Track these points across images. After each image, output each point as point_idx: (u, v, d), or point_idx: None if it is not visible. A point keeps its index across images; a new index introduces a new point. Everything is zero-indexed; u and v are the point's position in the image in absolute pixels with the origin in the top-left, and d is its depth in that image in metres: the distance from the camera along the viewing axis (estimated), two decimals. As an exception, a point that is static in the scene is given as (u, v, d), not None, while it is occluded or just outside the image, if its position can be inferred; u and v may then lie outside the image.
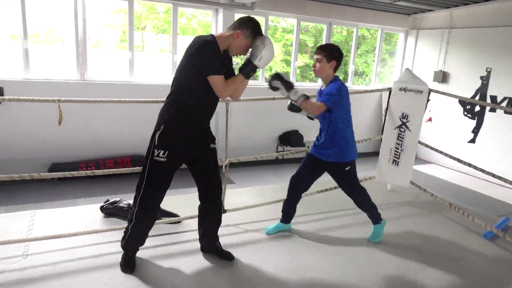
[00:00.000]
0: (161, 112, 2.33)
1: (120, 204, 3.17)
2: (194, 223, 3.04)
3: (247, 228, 3.17)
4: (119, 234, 2.81)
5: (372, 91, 4.96)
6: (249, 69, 2.28)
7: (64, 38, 6.42)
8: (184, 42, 7.26)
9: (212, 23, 6.58)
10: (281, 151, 7.17)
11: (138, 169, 2.99)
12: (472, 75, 6.94)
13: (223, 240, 2.78)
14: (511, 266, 2.89)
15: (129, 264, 2.45)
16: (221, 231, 2.74)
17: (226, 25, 6.31)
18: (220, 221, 2.64)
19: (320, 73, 2.72)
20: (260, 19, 7.08)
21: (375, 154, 8.33)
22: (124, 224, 3.03)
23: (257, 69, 2.32)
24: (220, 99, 2.38)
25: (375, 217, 3.00)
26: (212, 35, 2.28)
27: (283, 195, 3.24)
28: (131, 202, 3.26)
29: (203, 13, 6.91)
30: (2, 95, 5.11)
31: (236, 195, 3.92)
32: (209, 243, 2.66)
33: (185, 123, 2.28)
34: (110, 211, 3.15)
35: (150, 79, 6.28)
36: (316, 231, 3.19)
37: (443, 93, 3.83)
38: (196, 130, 2.34)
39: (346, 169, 2.84)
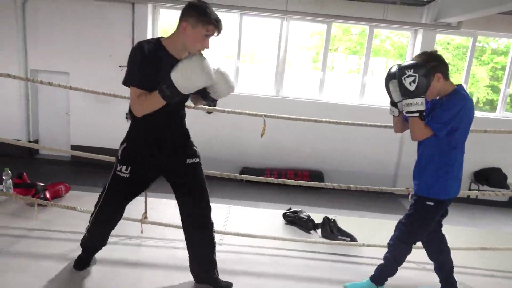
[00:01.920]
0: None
1: (301, 215, 3.32)
2: (369, 251, 2.93)
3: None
4: (297, 245, 2.96)
5: None
6: (165, 87, 1.76)
7: (266, 58, 7.25)
8: (374, 64, 7.17)
9: (409, 44, 6.29)
10: (475, 190, 6.21)
11: (318, 184, 3.10)
12: None
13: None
14: None
15: (81, 263, 2.34)
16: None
17: (425, 46, 5.94)
18: (213, 244, 2.24)
19: (432, 95, 2.09)
20: (464, 40, 6.36)
21: None
22: (302, 234, 3.20)
23: (175, 87, 1.74)
24: (193, 106, 2.11)
25: (379, 276, 2.35)
26: (155, 39, 1.93)
27: (476, 241, 2.77)
28: (310, 214, 3.41)
29: (399, 34, 6.68)
30: (215, 106, 6.13)
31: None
32: (201, 272, 2.27)
33: (142, 138, 2.03)
34: (291, 219, 3.34)
35: (337, 99, 6.44)
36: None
37: None
38: (156, 143, 2.03)
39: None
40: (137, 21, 5.90)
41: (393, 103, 2.18)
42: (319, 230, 3.24)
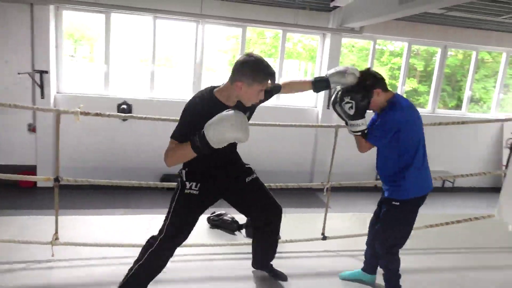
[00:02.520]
0: None
1: (225, 217, 3.35)
2: (292, 246, 3.06)
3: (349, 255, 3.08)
4: (223, 248, 2.97)
5: (497, 120, 4.48)
6: (196, 139, 1.78)
7: (182, 62, 7.15)
8: (288, 66, 7.49)
9: (318, 47, 6.68)
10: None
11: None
12: None
13: (323, 266, 2.74)
14: None
15: None
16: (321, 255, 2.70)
17: (333, 49, 6.36)
18: (277, 243, 2.54)
19: (374, 108, 2.32)
20: (366, 43, 6.97)
21: (490, 190, 7.46)
22: (227, 236, 3.22)
23: (207, 142, 1.76)
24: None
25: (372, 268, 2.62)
26: (210, 90, 1.96)
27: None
28: (234, 216, 3.44)
29: (309, 37, 7.07)
30: (131, 111, 5.87)
31: (334, 219, 3.84)
32: (266, 264, 2.61)
33: (203, 163, 2.05)
34: (215, 222, 3.35)
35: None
36: (424, 268, 2.94)
37: None
38: (222, 169, 2.15)
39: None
40: (37, 23, 5.39)
41: (346, 123, 2.39)
42: (243, 231, 3.29)
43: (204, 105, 1.88)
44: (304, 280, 2.68)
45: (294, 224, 3.61)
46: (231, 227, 3.29)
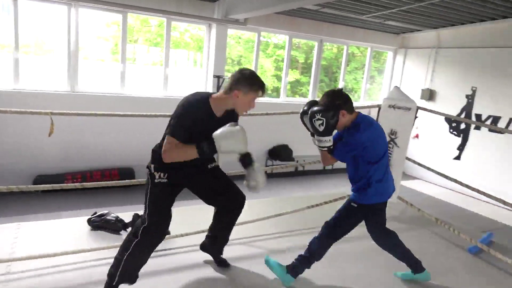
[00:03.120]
0: (156, 147, 2.28)
1: (108, 217, 3.13)
2: (182, 241, 3.02)
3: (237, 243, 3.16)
4: (108, 252, 2.78)
5: (362, 107, 5.03)
6: (206, 147, 2.06)
7: (55, 49, 6.41)
8: (175, 55, 7.31)
9: (205, 37, 6.66)
10: (270, 166, 7.19)
11: (125, 182, 2.99)
12: (458, 93, 7.11)
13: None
14: (495, 279, 2.93)
15: None
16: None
17: (219, 39, 6.40)
18: (233, 225, 2.64)
19: (340, 128, 2.46)
20: (252, 35, 7.19)
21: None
22: (112, 237, 3.02)
23: (214, 147, 2.05)
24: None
25: (414, 266, 2.74)
26: (207, 97, 2.18)
27: (272, 209, 3.23)
28: (118, 214, 3.25)
29: (196, 27, 6.99)
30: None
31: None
32: (216, 246, 2.70)
33: (174, 165, 2.20)
34: (97, 224, 3.11)
35: (141, 92, 6.29)
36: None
37: (430, 111, 3.91)
38: (188, 166, 2.25)
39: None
40: None
41: (311, 134, 2.50)
42: (129, 229, 3.12)
43: (200, 112, 2.12)
44: (197, 273, 2.67)
45: (182, 217, 3.56)
46: (115, 226, 3.09)
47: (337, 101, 2.36)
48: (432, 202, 5.58)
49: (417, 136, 7.80)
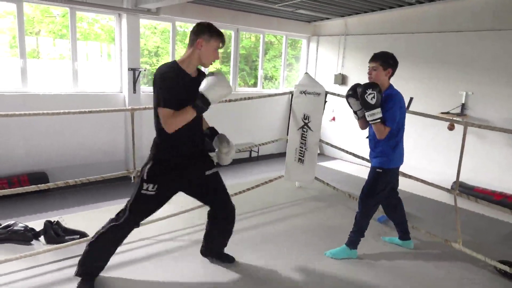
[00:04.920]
0: (152, 145, 2.33)
1: (16, 227, 2.88)
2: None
3: (163, 239, 3.12)
4: (17, 264, 2.57)
5: (275, 94, 5.22)
6: (199, 102, 2.13)
7: None
8: (87, 48, 6.85)
9: (115, 28, 6.32)
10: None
11: (34, 187, 2.77)
12: (366, 77, 7.68)
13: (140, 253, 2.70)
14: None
15: None
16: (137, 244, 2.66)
17: (131, 30, 6.13)
18: (230, 232, 2.71)
19: (376, 81, 2.73)
20: (167, 25, 7.00)
21: (283, 154, 8.81)
22: (22, 248, 2.78)
23: (208, 101, 2.13)
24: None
25: (351, 241, 2.99)
26: (173, 61, 2.23)
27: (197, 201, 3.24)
28: (29, 223, 3.00)
29: (106, 17, 6.60)
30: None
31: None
32: (217, 250, 2.78)
33: (171, 156, 2.28)
34: (3, 236, 2.85)
35: (48, 89, 5.80)
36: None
37: (338, 95, 4.19)
38: (183, 159, 2.31)
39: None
40: None
41: (354, 112, 2.95)
42: (42, 238, 2.92)
43: (176, 77, 2.15)
44: (125, 271, 2.59)
45: (103, 218, 3.41)
46: (25, 237, 2.86)
47: (390, 60, 2.75)
48: (348, 180, 6.03)
49: (333, 119, 8.30)
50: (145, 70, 6.65)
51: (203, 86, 2.13)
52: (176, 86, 2.15)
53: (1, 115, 2.65)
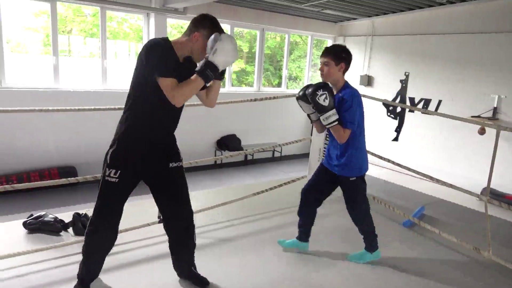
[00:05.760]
0: (116, 128, 2.12)
1: (46, 219, 2.99)
2: (130, 235, 2.96)
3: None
4: (47, 254, 2.66)
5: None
6: (204, 67, 1.92)
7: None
8: (115, 47, 7.02)
9: (143, 27, 6.44)
10: (219, 156, 7.20)
11: (64, 180, 2.86)
12: (393, 78, 7.55)
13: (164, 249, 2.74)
14: (425, 248, 3.21)
15: None
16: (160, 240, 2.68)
17: (159, 29, 6.23)
18: (191, 248, 2.37)
19: (328, 77, 2.53)
20: (194, 24, 7.07)
21: (306, 155, 8.73)
22: (51, 238, 2.88)
23: (217, 68, 1.94)
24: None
25: (369, 245, 2.85)
26: (165, 38, 2.03)
27: (219, 199, 3.26)
28: (59, 215, 3.11)
29: (135, 17, 6.74)
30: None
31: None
32: (183, 269, 2.43)
33: (137, 139, 2.06)
34: (34, 226, 2.96)
35: (78, 86, 5.98)
36: (253, 232, 3.27)
37: (369, 97, 4.12)
38: (150, 146, 2.09)
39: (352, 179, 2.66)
40: None
41: (308, 115, 2.73)
42: (70, 229, 3.02)
43: (167, 47, 1.97)
44: (147, 267, 2.64)
45: (128, 211, 3.49)
46: (54, 227, 2.96)
47: (343, 53, 2.52)
48: (372, 182, 5.90)
49: (357, 120, 8.19)
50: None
51: (209, 50, 1.93)
52: (170, 58, 1.97)
53: (35, 110, 2.75)
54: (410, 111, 7.34)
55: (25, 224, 2.97)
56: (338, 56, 2.51)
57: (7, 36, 5.38)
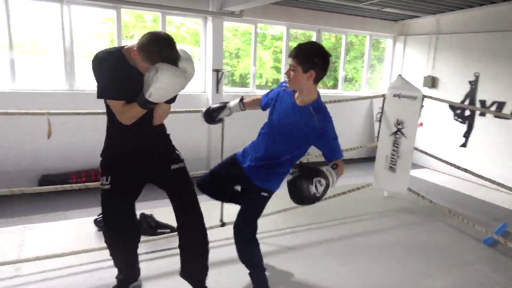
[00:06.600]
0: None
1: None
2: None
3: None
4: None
5: (367, 97, 4.96)
6: (141, 100, 1.84)
7: (51, 47, 6.29)
8: (174, 51, 7.21)
9: (201, 31, 6.54)
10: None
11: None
12: (461, 79, 7.03)
13: (225, 253, 2.69)
14: None
15: None
16: (220, 243, 2.66)
17: (216, 32, 6.30)
18: (201, 250, 2.21)
19: (294, 84, 2.02)
20: (248, 27, 7.08)
21: (367, 160, 8.41)
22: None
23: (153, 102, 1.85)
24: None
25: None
26: (115, 48, 1.95)
27: (282, 205, 3.18)
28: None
29: (192, 21, 6.87)
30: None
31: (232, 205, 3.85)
32: (188, 275, 2.24)
33: (116, 145, 2.05)
34: (102, 224, 3.04)
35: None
36: (317, 241, 3.14)
37: (437, 99, 3.85)
38: (134, 149, 2.05)
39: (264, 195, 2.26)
40: None
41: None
42: (136, 229, 3.07)
43: (114, 60, 1.86)
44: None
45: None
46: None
47: (315, 58, 1.93)
48: (442, 192, 5.52)
49: (421, 124, 7.73)
50: (227, 72, 6.80)
51: (145, 83, 1.80)
52: (118, 75, 1.85)
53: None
54: (481, 114, 6.77)
55: (95, 222, 3.07)
56: (308, 60, 1.93)
57: (77, 42, 5.69)
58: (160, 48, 1.77)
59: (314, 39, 7.60)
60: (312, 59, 1.93)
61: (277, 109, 2.16)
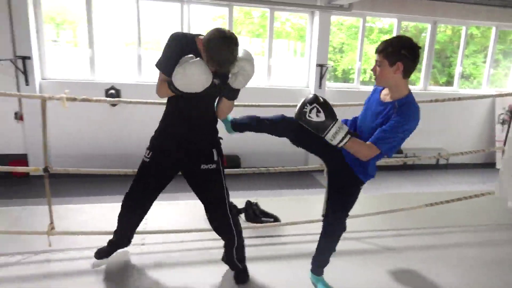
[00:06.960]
0: None
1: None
2: (293, 229, 3.03)
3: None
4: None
5: (491, 96, 4.45)
6: (169, 82, 1.92)
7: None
8: (277, 46, 7.36)
9: (307, 26, 6.56)
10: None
11: (237, 170, 3.09)
12: None
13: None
14: None
15: (102, 252, 2.43)
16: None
17: (322, 27, 6.25)
18: (230, 242, 2.31)
19: (381, 80, 1.91)
20: (354, 21, 6.87)
21: (483, 166, 7.53)
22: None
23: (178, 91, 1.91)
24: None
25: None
26: (189, 33, 2.04)
27: (386, 206, 3.02)
28: (232, 200, 3.38)
29: (297, 16, 6.93)
30: (119, 96, 5.71)
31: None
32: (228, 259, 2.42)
33: (167, 126, 2.14)
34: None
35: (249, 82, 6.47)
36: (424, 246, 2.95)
37: None
38: (175, 140, 2.12)
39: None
40: (14, 8, 5.15)
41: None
42: (242, 215, 3.25)
43: (184, 45, 1.94)
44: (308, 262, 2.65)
45: (293, 206, 3.58)
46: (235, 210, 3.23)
47: (402, 50, 1.81)
48: None
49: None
50: (332, 67, 6.71)
51: (175, 71, 1.87)
52: (179, 58, 1.88)
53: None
54: None
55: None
56: (395, 52, 1.81)
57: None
58: (209, 46, 1.84)
59: (428, 31, 7.05)
60: (399, 51, 1.82)
61: (364, 110, 2.10)
